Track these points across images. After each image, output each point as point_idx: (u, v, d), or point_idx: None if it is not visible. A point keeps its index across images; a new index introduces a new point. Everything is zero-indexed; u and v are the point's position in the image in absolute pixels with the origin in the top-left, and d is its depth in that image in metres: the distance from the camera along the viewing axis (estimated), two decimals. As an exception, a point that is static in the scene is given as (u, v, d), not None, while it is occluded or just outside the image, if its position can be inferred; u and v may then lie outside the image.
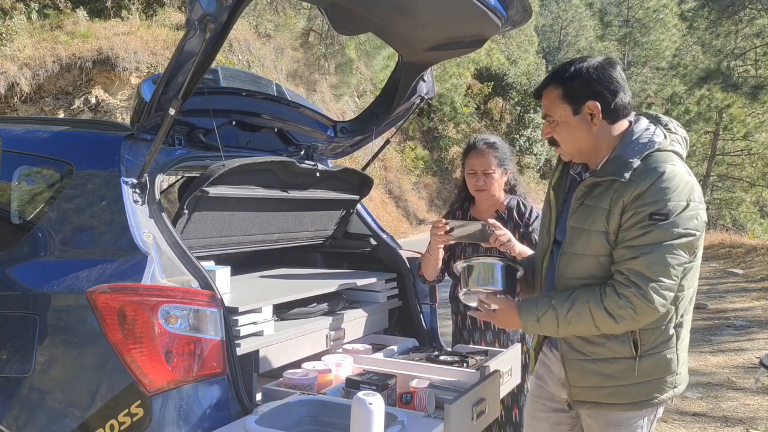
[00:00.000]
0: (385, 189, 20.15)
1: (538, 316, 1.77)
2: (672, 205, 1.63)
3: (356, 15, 2.25)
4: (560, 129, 1.80)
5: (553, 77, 1.82)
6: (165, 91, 1.95)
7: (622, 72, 1.79)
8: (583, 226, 1.76)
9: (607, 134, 1.78)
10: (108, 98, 11.30)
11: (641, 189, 1.65)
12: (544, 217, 1.98)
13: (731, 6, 20.76)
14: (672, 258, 1.64)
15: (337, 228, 3.14)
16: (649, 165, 1.68)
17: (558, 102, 1.78)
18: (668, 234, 1.63)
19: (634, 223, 1.66)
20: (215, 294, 1.88)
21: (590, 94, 1.74)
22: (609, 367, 1.78)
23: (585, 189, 1.77)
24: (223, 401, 1.84)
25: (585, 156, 1.83)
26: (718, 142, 30.28)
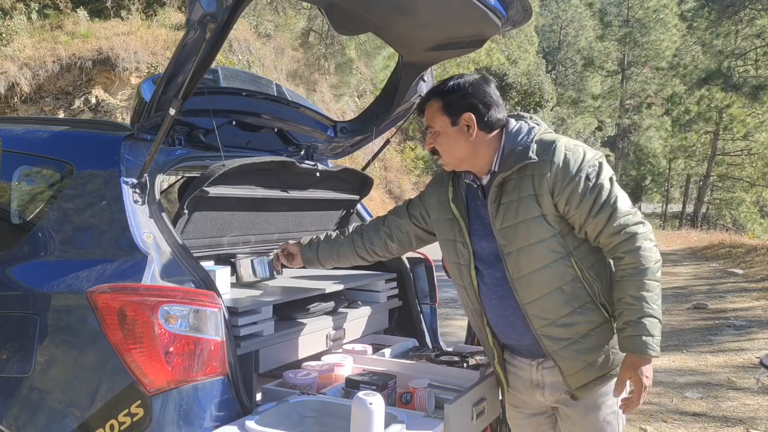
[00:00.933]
0: (385, 189, 20.15)
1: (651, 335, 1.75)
2: (592, 160, 1.81)
3: (356, 15, 2.25)
4: (440, 139, 1.93)
5: (433, 92, 1.97)
6: (165, 91, 1.95)
7: (496, 90, 1.95)
8: (515, 221, 1.84)
9: (483, 143, 1.91)
10: (108, 98, 11.30)
11: (558, 163, 1.80)
12: (450, 231, 2.02)
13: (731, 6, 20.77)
14: (621, 193, 1.83)
15: (337, 228, 3.14)
16: (546, 143, 1.84)
17: (438, 114, 1.92)
18: (608, 180, 1.81)
19: (581, 193, 1.78)
20: (215, 294, 1.88)
21: (466, 106, 1.89)
22: (594, 339, 1.86)
23: (496, 189, 1.87)
24: (223, 401, 1.84)
25: (465, 164, 1.95)
26: (718, 142, 30.30)
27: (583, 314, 1.85)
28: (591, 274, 1.85)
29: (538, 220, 1.82)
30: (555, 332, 1.86)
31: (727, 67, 22.94)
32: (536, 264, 1.83)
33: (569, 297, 1.84)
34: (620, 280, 1.81)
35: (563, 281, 1.84)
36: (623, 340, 1.80)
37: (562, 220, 1.84)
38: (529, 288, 1.85)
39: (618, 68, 36.92)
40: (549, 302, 1.85)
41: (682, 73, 30.05)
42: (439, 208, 2.07)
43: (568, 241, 1.84)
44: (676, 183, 38.23)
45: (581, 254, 1.85)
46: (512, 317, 1.93)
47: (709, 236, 19.52)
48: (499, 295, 1.94)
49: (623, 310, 1.80)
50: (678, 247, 17.77)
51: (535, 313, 1.87)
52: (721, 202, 32.63)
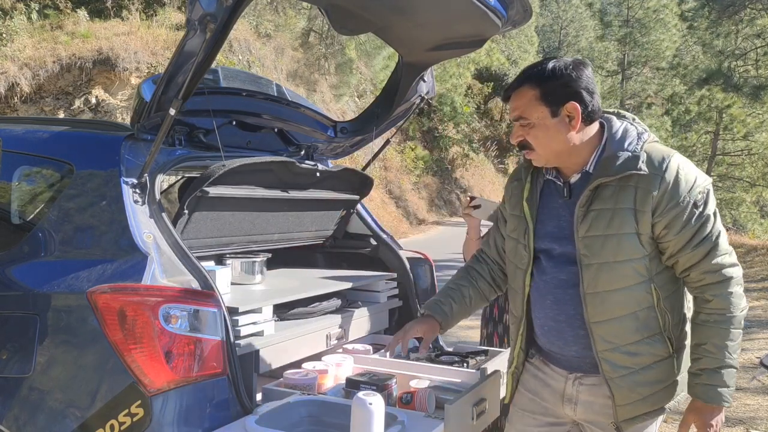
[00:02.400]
0: (386, 189, 20.14)
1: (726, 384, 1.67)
2: (702, 188, 1.66)
3: (356, 15, 2.25)
4: (536, 132, 1.71)
5: (527, 77, 1.72)
6: (165, 92, 1.95)
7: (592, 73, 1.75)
8: (606, 232, 1.68)
9: (584, 136, 1.72)
10: (108, 98, 11.30)
11: (669, 181, 1.64)
12: (516, 231, 1.88)
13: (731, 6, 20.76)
14: (723, 229, 1.68)
15: (337, 228, 3.14)
16: (659, 156, 1.67)
17: (534, 103, 1.69)
18: (714, 213, 1.67)
19: (685, 220, 1.64)
20: (215, 294, 1.88)
21: (569, 94, 1.68)
22: (654, 373, 1.74)
23: (590, 192, 1.69)
24: (223, 401, 1.84)
25: (561, 159, 1.76)
26: (718, 142, 30.28)
27: (651, 345, 1.72)
28: (666, 304, 1.72)
29: (631, 238, 1.66)
30: (617, 359, 1.72)
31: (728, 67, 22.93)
32: (617, 283, 1.69)
33: (641, 325, 1.71)
34: (704, 324, 1.69)
35: (639, 307, 1.70)
36: (696, 386, 1.69)
37: (653, 242, 1.69)
38: (601, 306, 1.70)
39: (618, 68, 36.90)
40: (619, 326, 1.71)
41: (682, 73, 30.04)
42: (510, 203, 1.92)
43: (652, 266, 1.70)
44: (677, 183, 38.17)
45: (661, 281, 1.71)
46: (564, 323, 1.79)
47: (709, 236, 19.47)
48: (556, 297, 1.79)
49: (702, 357, 1.68)
50: (678, 247, 17.75)
51: (601, 335, 1.72)
52: (722, 202, 32.55)
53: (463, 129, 25.86)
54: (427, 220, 21.45)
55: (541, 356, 1.93)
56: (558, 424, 1.92)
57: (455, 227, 20.41)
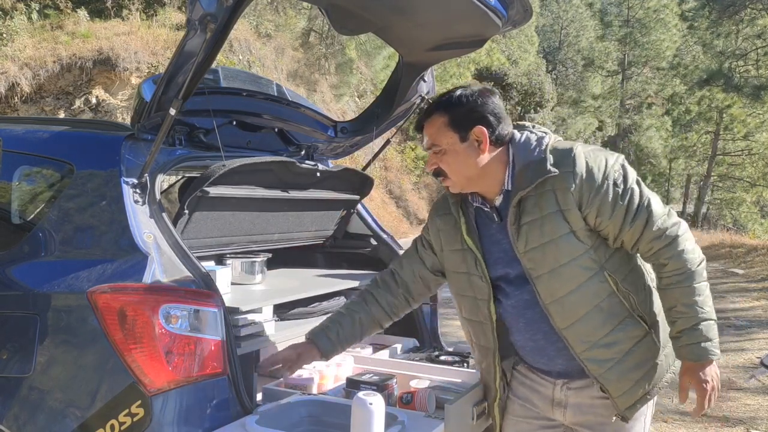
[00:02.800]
0: (386, 189, 20.14)
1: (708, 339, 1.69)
2: (615, 164, 1.70)
3: (356, 15, 2.25)
4: (448, 158, 1.77)
5: (436, 106, 1.80)
6: (165, 91, 1.95)
7: (500, 101, 1.81)
8: (542, 241, 1.71)
9: (493, 159, 1.77)
10: (108, 98, 11.30)
11: (582, 173, 1.68)
12: (466, 264, 1.87)
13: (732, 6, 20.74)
14: (652, 194, 1.72)
15: (337, 228, 3.14)
16: (563, 153, 1.72)
17: (444, 130, 1.76)
18: (636, 183, 1.70)
19: (612, 202, 1.68)
20: (216, 294, 1.88)
21: (476, 119, 1.74)
22: (637, 355, 1.77)
23: (515, 209, 1.73)
24: (224, 401, 1.84)
25: (474, 184, 1.81)
26: (718, 142, 30.29)
27: (624, 330, 1.75)
28: (625, 285, 1.74)
29: (568, 238, 1.69)
30: (599, 354, 1.74)
31: (728, 67, 22.92)
32: (570, 285, 1.71)
33: (607, 314, 1.73)
34: (667, 288, 1.72)
35: (599, 299, 1.72)
36: (680, 348, 1.72)
37: (592, 233, 1.72)
38: (564, 311, 1.73)
39: (618, 68, 36.90)
40: (588, 324, 1.73)
41: (682, 73, 30.05)
42: (445, 239, 1.92)
43: (600, 255, 1.72)
44: (677, 183, 38.22)
45: (613, 266, 1.74)
46: (542, 341, 1.82)
47: (709, 236, 19.49)
48: (527, 318, 1.82)
49: (676, 319, 1.71)
50: (678, 247, 17.73)
51: (575, 338, 1.74)
52: (722, 202, 32.62)
53: (463, 129, 25.82)
54: (427, 220, 21.44)
55: (526, 365, 1.95)
56: (552, 426, 1.94)
57: (455, 227, 20.41)
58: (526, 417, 1.95)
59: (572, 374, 1.84)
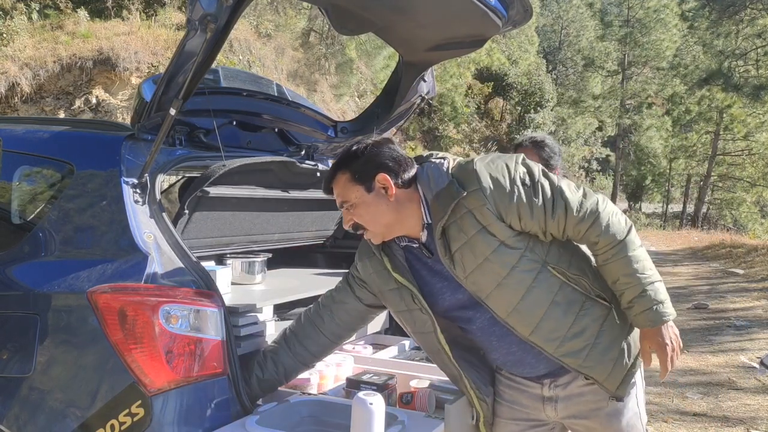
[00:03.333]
0: (386, 189, 20.13)
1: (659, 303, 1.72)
2: (515, 165, 1.74)
3: (356, 15, 2.25)
4: (360, 210, 1.81)
5: (336, 165, 1.85)
6: (165, 91, 1.95)
7: (398, 148, 1.84)
8: (477, 263, 1.73)
9: (404, 201, 1.80)
10: (108, 98, 11.30)
11: (489, 186, 1.70)
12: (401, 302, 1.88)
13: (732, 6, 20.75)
14: (561, 180, 1.75)
15: (337, 228, 3.14)
16: (465, 172, 1.74)
17: (349, 185, 1.81)
18: (543, 175, 1.74)
19: (527, 202, 1.70)
20: (216, 294, 1.88)
21: (376, 167, 1.78)
22: (608, 333, 1.79)
23: (441, 240, 1.76)
24: (224, 401, 1.84)
25: (394, 229, 1.83)
26: (718, 142, 30.29)
27: (587, 314, 1.77)
28: (573, 271, 1.77)
29: (500, 250, 1.71)
30: (571, 346, 1.76)
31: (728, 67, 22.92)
32: (520, 292, 1.73)
33: (566, 305, 1.76)
34: (605, 264, 1.75)
35: (553, 293, 1.75)
36: (635, 318, 1.75)
37: (522, 236, 1.74)
38: (523, 319, 1.75)
39: (618, 68, 36.89)
40: (550, 321, 1.75)
41: (682, 73, 30.05)
42: (379, 279, 1.92)
43: (538, 253, 1.75)
44: (677, 183, 38.21)
45: (555, 258, 1.77)
46: (519, 353, 1.84)
47: (709, 236, 19.51)
48: (497, 335, 1.84)
49: (623, 291, 1.74)
50: (678, 247, 17.76)
51: (543, 340, 1.77)
52: (722, 202, 32.61)
53: (463, 129, 25.85)
54: (427, 220, 21.44)
55: (506, 370, 1.95)
56: (540, 425, 1.95)
57: (455, 227, 20.42)
58: (514, 419, 1.96)
59: (557, 373, 1.86)
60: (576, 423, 1.90)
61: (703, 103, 28.48)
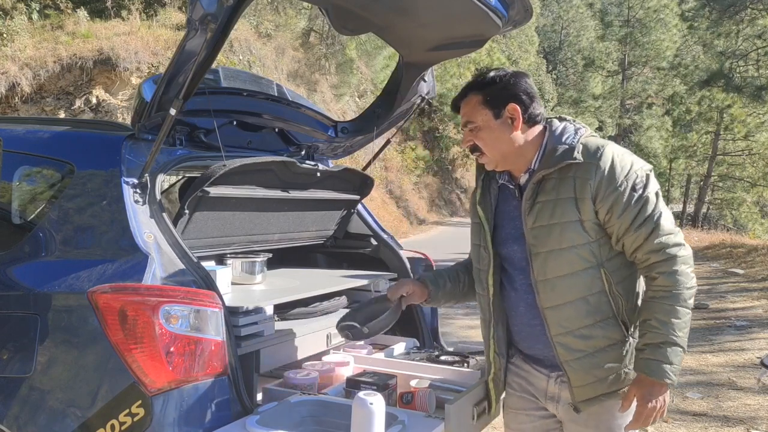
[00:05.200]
0: (386, 189, 20.15)
1: (670, 362, 1.69)
2: (641, 171, 1.74)
3: (357, 15, 2.25)
4: (482, 134, 1.84)
5: (471, 86, 1.89)
6: (166, 92, 1.95)
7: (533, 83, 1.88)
8: (551, 222, 1.77)
9: (528, 137, 1.84)
10: (109, 98, 11.31)
11: (605, 168, 1.72)
12: (476, 235, 1.96)
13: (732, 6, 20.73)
14: (666, 210, 1.75)
15: (337, 228, 3.14)
16: (594, 146, 1.76)
17: (479, 107, 1.84)
18: (654, 195, 1.74)
19: (625, 203, 1.71)
20: (216, 294, 1.88)
21: (509, 97, 1.82)
22: (608, 355, 1.79)
23: (534, 186, 1.80)
24: (224, 401, 1.85)
25: (508, 161, 1.87)
26: (718, 142, 30.28)
27: (604, 329, 1.78)
28: (619, 289, 1.77)
29: (575, 225, 1.74)
30: (571, 342, 1.79)
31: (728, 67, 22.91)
32: (564, 269, 1.76)
33: (592, 309, 1.77)
34: (650, 301, 1.74)
35: (589, 292, 1.76)
36: (639, 360, 1.74)
37: (599, 228, 1.75)
38: (552, 292, 1.78)
39: (619, 68, 36.91)
40: (571, 311, 1.77)
41: (683, 74, 30.05)
42: (472, 212, 2.00)
43: (601, 252, 1.76)
44: (677, 183, 38.22)
45: (612, 267, 1.77)
46: (539, 327, 1.85)
47: (709, 236, 19.50)
48: (527, 302, 1.87)
49: (647, 332, 1.72)
50: (679, 247, 17.73)
51: (554, 320, 1.79)
52: (722, 202, 32.60)
53: (463, 129, 25.81)
54: (427, 220, 21.45)
55: (521, 356, 1.99)
56: (549, 416, 1.97)
57: (456, 227, 20.42)
58: (524, 409, 1.99)
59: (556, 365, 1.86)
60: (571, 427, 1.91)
61: (704, 103, 28.47)
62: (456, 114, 1.94)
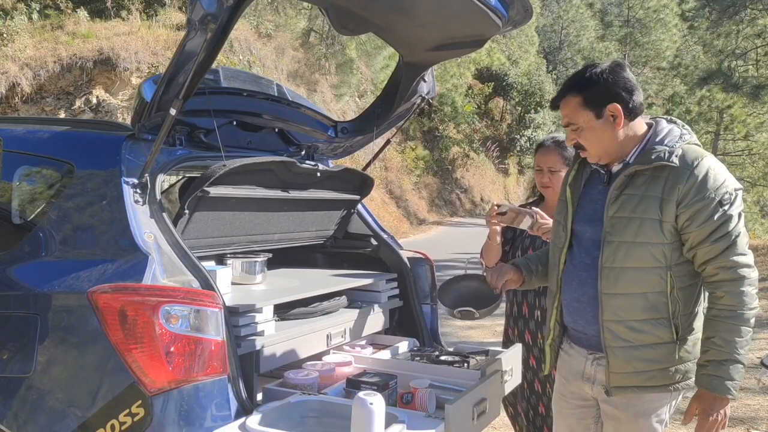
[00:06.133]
0: (386, 189, 20.13)
1: (731, 377, 1.75)
2: (730, 188, 1.76)
3: (357, 15, 2.25)
4: (585, 134, 1.88)
5: (569, 86, 1.89)
6: (166, 92, 1.96)
7: (631, 72, 1.89)
8: (632, 215, 1.81)
9: (630, 131, 1.87)
10: (109, 98, 11.30)
11: (698, 177, 1.75)
12: (560, 213, 2.03)
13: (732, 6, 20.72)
14: (744, 231, 1.79)
15: (337, 228, 3.14)
16: (692, 154, 1.79)
17: (579, 109, 1.86)
18: (738, 215, 1.76)
19: (707, 215, 1.74)
20: (216, 294, 1.88)
21: (610, 97, 1.83)
22: (652, 353, 1.83)
23: (625, 179, 1.83)
24: (224, 401, 1.85)
25: (612, 156, 1.91)
26: (719, 142, 30.28)
27: (655, 326, 1.82)
28: (680, 294, 1.82)
29: (653, 223, 1.78)
30: (620, 331, 1.84)
31: (728, 67, 22.91)
32: (633, 262, 1.81)
33: (650, 306, 1.82)
34: (714, 318, 1.78)
35: (650, 289, 1.81)
36: (701, 376, 1.78)
37: (675, 232, 1.80)
38: (615, 281, 1.83)
39: (619, 68, 36.86)
40: (628, 302, 1.83)
41: (682, 74, 30.05)
42: (562, 189, 2.08)
43: (672, 255, 1.81)
44: (677, 183, 38.18)
45: (679, 272, 1.82)
46: (585, 304, 1.92)
47: (709, 236, 19.46)
48: (581, 279, 1.94)
49: (710, 349, 1.77)
50: (679, 247, 17.75)
51: (609, 306, 1.84)
52: (722, 202, 32.56)
53: (463, 129, 25.84)
54: (427, 220, 21.43)
55: (569, 338, 2.05)
56: (585, 406, 2.04)
57: (456, 227, 20.41)
58: (564, 396, 2.10)
59: (598, 347, 1.91)
60: (608, 408, 1.96)
61: (704, 103, 28.46)
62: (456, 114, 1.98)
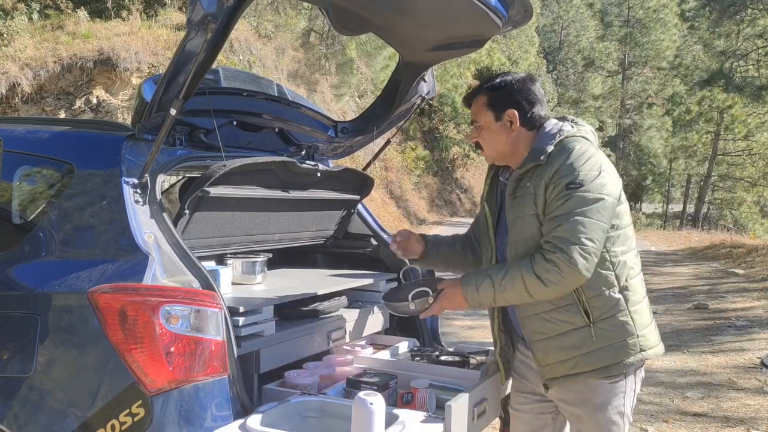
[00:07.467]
0: (386, 189, 20.14)
1: (477, 285, 1.90)
2: (584, 174, 1.81)
3: (357, 15, 2.25)
4: (484, 134, 2.01)
5: (482, 87, 2.03)
6: (166, 92, 1.96)
7: (541, 88, 2.02)
8: (518, 215, 1.93)
9: (524, 139, 1.98)
10: (109, 98, 11.30)
11: (557, 165, 1.84)
12: (482, 232, 2.13)
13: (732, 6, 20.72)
14: (591, 222, 1.79)
15: (337, 228, 3.14)
16: (561, 147, 1.89)
17: (483, 109, 2.00)
18: (584, 200, 1.80)
19: (555, 196, 1.83)
20: (216, 294, 1.88)
21: (510, 103, 1.96)
22: (568, 339, 1.90)
23: (514, 183, 1.95)
24: (224, 401, 1.85)
25: (505, 158, 2.04)
26: (719, 142, 30.32)
27: (564, 314, 1.89)
28: None
29: (532, 219, 1.89)
30: (534, 324, 1.94)
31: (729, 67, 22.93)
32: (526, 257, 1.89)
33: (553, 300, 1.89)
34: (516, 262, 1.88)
35: None
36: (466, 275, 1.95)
37: None
38: None
39: (619, 68, 36.91)
40: None
41: (683, 74, 30.09)
42: (481, 206, 2.18)
43: None
44: (677, 183, 38.23)
45: None
46: (512, 307, 2.02)
47: (709, 236, 19.50)
48: None
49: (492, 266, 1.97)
50: (679, 247, 17.76)
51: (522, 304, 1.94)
52: (722, 202, 32.63)
53: (463, 129, 25.85)
54: (427, 220, 21.44)
55: (523, 343, 2.10)
56: (544, 400, 2.09)
57: (456, 227, 20.41)
58: (522, 392, 2.15)
59: None
60: (565, 408, 2.01)
61: (704, 104, 28.50)
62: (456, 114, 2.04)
